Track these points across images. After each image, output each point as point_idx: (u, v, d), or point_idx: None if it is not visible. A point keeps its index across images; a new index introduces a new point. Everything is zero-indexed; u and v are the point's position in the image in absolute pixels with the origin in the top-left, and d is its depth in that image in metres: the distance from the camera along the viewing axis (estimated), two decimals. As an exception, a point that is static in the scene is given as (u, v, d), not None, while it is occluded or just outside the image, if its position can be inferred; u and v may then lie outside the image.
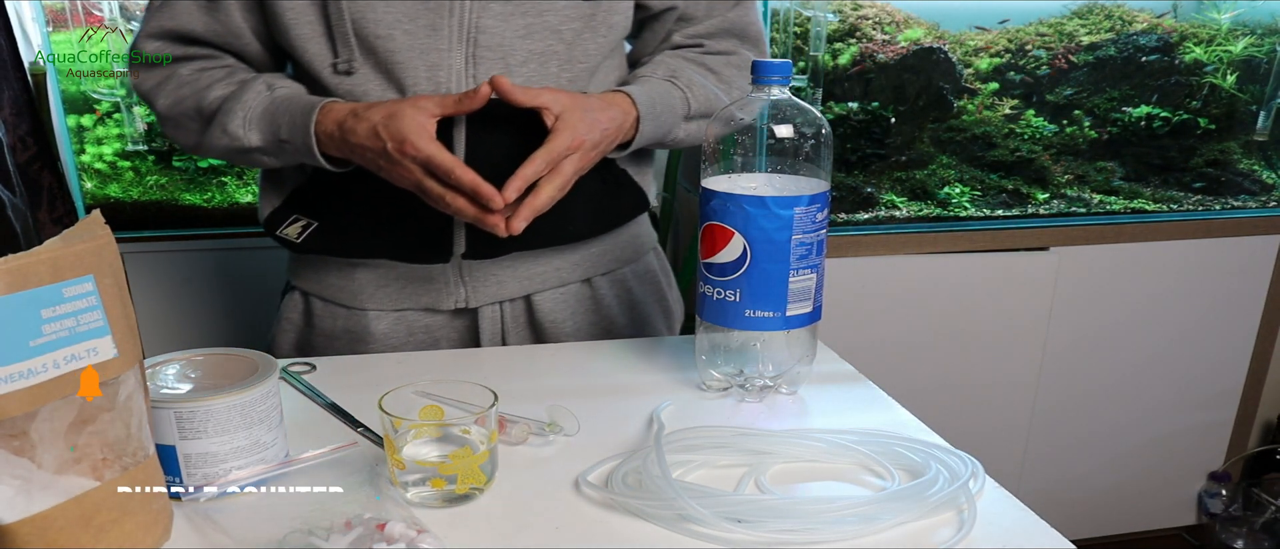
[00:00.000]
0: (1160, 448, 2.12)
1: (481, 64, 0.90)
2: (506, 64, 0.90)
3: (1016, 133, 1.98)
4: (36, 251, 0.51)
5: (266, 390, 0.65)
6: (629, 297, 1.08)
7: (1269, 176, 2.09)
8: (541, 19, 0.91)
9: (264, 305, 1.62)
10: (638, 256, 1.09)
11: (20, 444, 0.52)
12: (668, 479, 0.63)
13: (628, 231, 1.06)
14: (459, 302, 0.99)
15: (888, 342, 1.86)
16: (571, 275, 1.02)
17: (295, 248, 0.98)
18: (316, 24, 0.90)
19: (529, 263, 1.00)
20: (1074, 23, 1.98)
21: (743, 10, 1.02)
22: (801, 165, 0.78)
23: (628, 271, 1.08)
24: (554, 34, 0.92)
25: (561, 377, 0.89)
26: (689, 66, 0.99)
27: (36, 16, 1.56)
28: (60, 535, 0.53)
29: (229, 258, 1.67)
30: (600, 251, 1.04)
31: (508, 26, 0.90)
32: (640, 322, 1.09)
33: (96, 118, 1.66)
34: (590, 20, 0.93)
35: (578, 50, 0.93)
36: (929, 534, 0.62)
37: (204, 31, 0.93)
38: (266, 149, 0.91)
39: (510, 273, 0.99)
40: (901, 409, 0.82)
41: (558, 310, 1.02)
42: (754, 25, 1.04)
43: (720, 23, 1.01)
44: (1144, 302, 1.98)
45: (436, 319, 1.01)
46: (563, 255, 1.01)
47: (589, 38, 0.94)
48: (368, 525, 0.58)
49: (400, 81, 0.90)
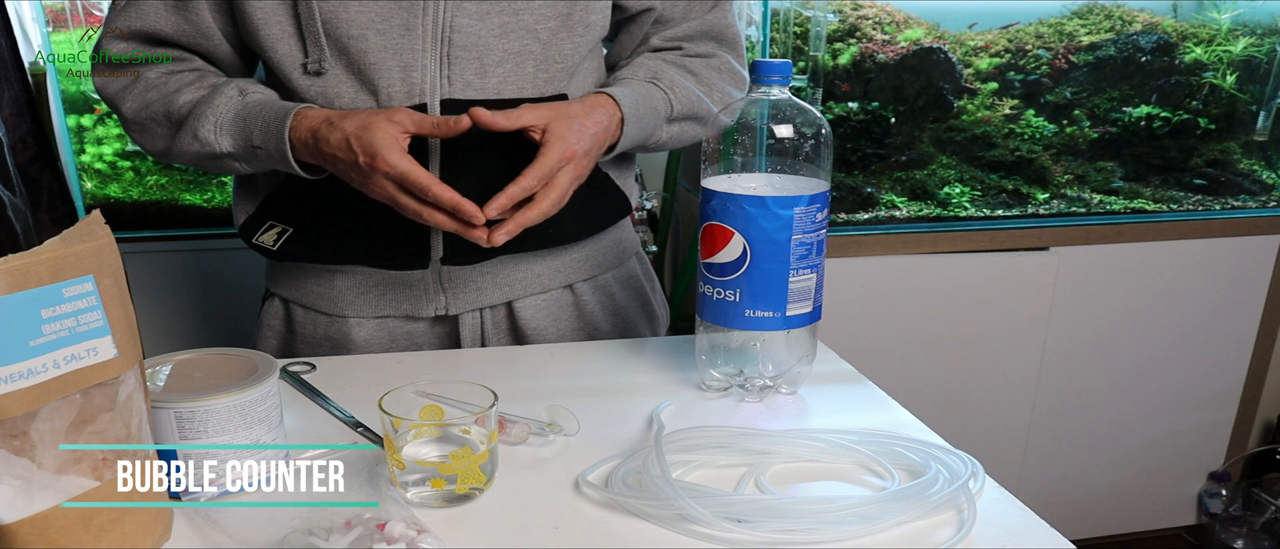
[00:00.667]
0: (1160, 448, 2.12)
1: (456, 64, 0.88)
2: (482, 64, 0.89)
3: (1016, 133, 1.98)
4: (36, 251, 0.51)
5: (266, 390, 0.65)
6: (612, 302, 1.06)
7: (1269, 176, 2.09)
8: (517, 18, 0.89)
9: (264, 305, 1.62)
10: (620, 261, 1.07)
11: (20, 444, 0.52)
12: (668, 479, 0.63)
13: (610, 236, 1.05)
14: (439, 309, 0.98)
15: (888, 342, 1.86)
16: (553, 281, 1.01)
17: (272, 255, 0.97)
18: (286, 24, 0.88)
19: (510, 269, 0.98)
20: (1074, 23, 1.98)
21: (720, 12, 1.01)
22: (801, 165, 0.78)
23: (610, 277, 1.06)
24: (530, 33, 0.90)
25: (561, 377, 0.89)
26: (670, 68, 0.98)
27: (36, 16, 1.56)
28: (60, 535, 0.53)
29: (229, 258, 1.67)
30: (583, 257, 1.03)
31: (483, 26, 0.88)
32: (624, 327, 1.07)
33: (96, 118, 1.66)
34: (567, 20, 0.91)
35: (554, 50, 0.92)
36: (929, 534, 0.62)
37: (173, 32, 0.91)
38: (238, 155, 0.89)
39: (491, 279, 0.98)
40: (901, 409, 0.82)
41: (540, 317, 1.01)
42: (731, 28, 1.03)
43: (698, 25, 1.01)
44: (1144, 302, 1.98)
45: (417, 326, 0.99)
46: (544, 261, 1.00)
47: (566, 37, 0.92)
48: (368, 525, 0.58)
49: (373, 83, 0.88)
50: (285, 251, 0.96)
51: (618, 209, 1.03)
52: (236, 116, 0.88)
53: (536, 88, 0.91)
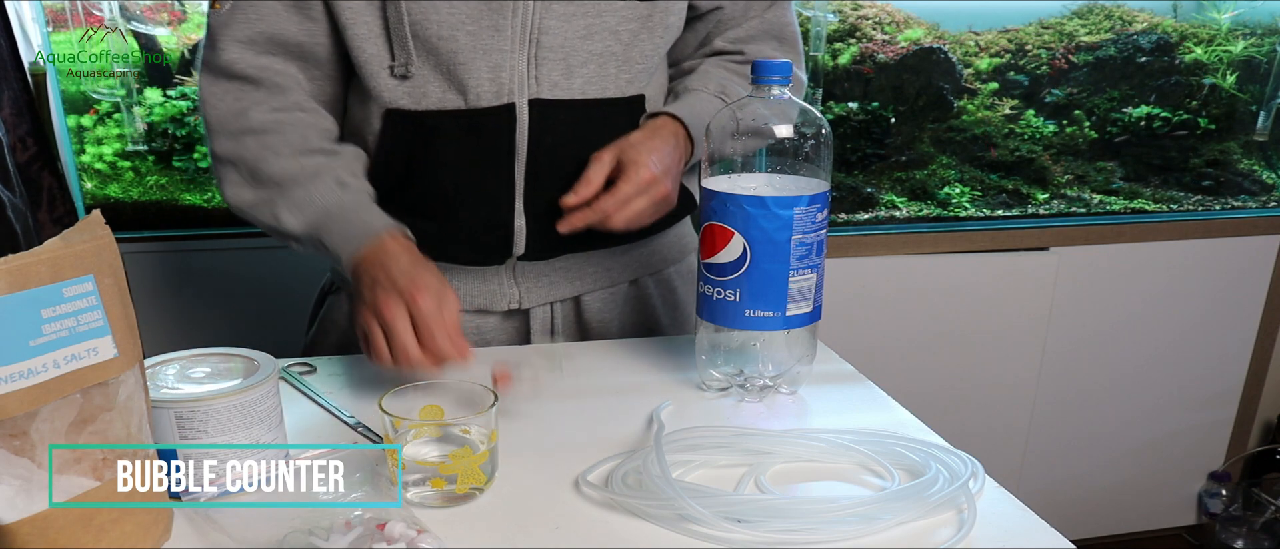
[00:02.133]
0: (1160, 448, 2.12)
1: (543, 65, 0.89)
2: (567, 65, 0.90)
3: (1016, 133, 1.98)
4: (36, 251, 0.51)
5: (266, 391, 0.65)
6: (673, 296, 1.08)
7: (1269, 176, 2.09)
8: (600, 20, 0.90)
9: (265, 305, 1.62)
10: (682, 256, 1.09)
11: (21, 444, 0.52)
12: (668, 479, 0.63)
13: (673, 232, 1.07)
14: (512, 303, 0.98)
15: (888, 342, 1.86)
16: (620, 276, 1.03)
17: None
18: (374, 24, 0.87)
19: (581, 263, 1.00)
20: (1074, 23, 1.98)
21: (779, 10, 1.02)
22: (801, 165, 0.78)
23: (672, 271, 1.08)
24: (612, 35, 0.91)
25: (561, 377, 0.89)
26: (734, 79, 0.99)
27: (36, 16, 1.56)
28: (60, 535, 0.53)
29: (229, 258, 1.67)
30: (649, 252, 1.04)
31: (569, 27, 0.89)
32: (682, 320, 1.09)
33: (96, 118, 1.66)
34: (647, 21, 0.92)
35: (635, 51, 0.93)
36: (929, 534, 0.62)
37: (298, 33, 0.88)
38: (300, 237, 0.88)
39: (562, 274, 0.99)
40: (901, 409, 0.82)
41: (606, 310, 1.03)
42: (790, 26, 1.03)
43: (759, 25, 1.01)
44: (1144, 302, 1.98)
45: (489, 321, 1.00)
46: (614, 256, 1.01)
47: (646, 38, 0.93)
48: (368, 525, 0.58)
49: (462, 82, 0.88)
50: None
51: (683, 205, 1.03)
52: (323, 212, 0.86)
53: (619, 88, 0.93)
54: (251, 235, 1.67)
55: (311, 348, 1.05)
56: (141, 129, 1.67)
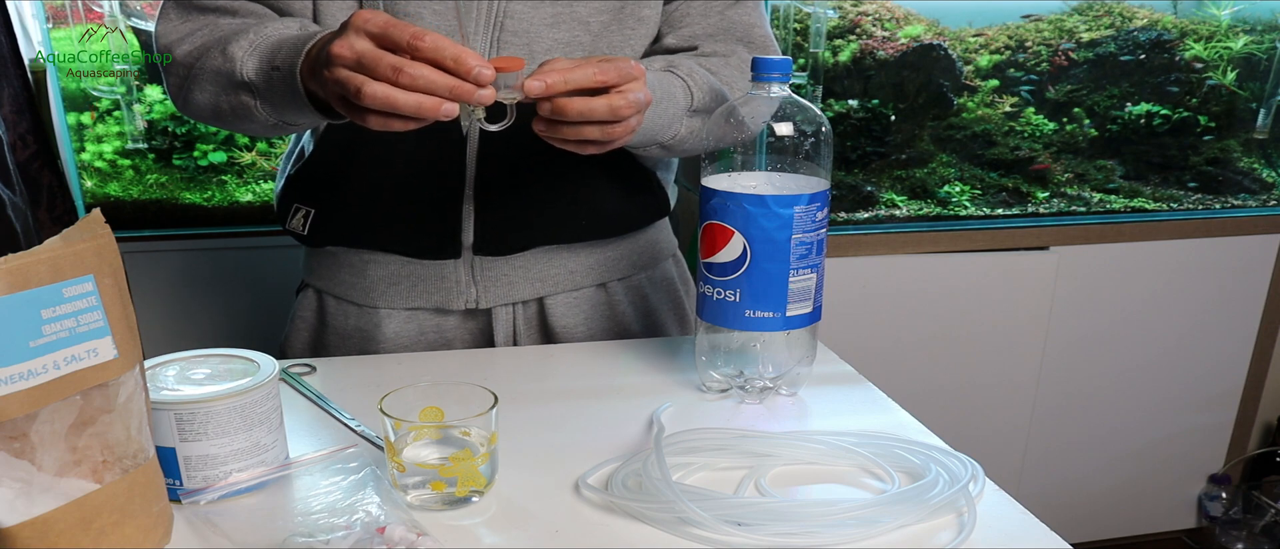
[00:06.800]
0: (1160, 450, 2.12)
1: (504, 50, 0.88)
2: (530, 52, 0.88)
3: (1016, 131, 1.98)
4: (36, 251, 0.51)
5: (266, 392, 0.65)
6: (644, 304, 1.06)
7: (1269, 175, 2.09)
8: (570, 8, 0.89)
9: (265, 305, 1.62)
10: (655, 263, 1.06)
11: (20, 446, 0.52)
12: (668, 482, 0.63)
13: (645, 236, 1.04)
14: (470, 302, 0.98)
15: (888, 342, 1.86)
16: (586, 279, 1.01)
17: (305, 241, 0.98)
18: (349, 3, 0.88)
19: (543, 263, 0.98)
20: (1074, 19, 1.98)
21: (743, 11, 0.96)
22: (801, 164, 0.78)
23: (643, 278, 1.05)
24: (582, 25, 0.90)
25: (561, 379, 0.89)
26: (686, 59, 0.94)
27: (37, 14, 1.56)
28: (60, 538, 0.53)
29: (229, 258, 1.67)
30: (617, 255, 1.02)
31: (536, 14, 0.88)
32: (654, 329, 1.07)
33: (96, 116, 1.66)
34: (619, 14, 0.91)
35: (604, 43, 0.91)
36: (929, 537, 0.62)
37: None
38: (256, 84, 0.80)
39: (523, 274, 0.98)
40: (901, 411, 0.82)
41: (571, 315, 1.01)
42: (757, 29, 0.97)
43: (719, 22, 0.95)
44: (1144, 302, 1.98)
45: (448, 320, 1.00)
46: (578, 257, 0.99)
47: (616, 31, 0.92)
48: (367, 528, 0.58)
49: None
50: (315, 236, 0.96)
51: (657, 209, 1.02)
52: (278, 41, 0.80)
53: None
54: (252, 234, 1.67)
55: (285, 347, 1.05)
56: (141, 127, 1.67)
